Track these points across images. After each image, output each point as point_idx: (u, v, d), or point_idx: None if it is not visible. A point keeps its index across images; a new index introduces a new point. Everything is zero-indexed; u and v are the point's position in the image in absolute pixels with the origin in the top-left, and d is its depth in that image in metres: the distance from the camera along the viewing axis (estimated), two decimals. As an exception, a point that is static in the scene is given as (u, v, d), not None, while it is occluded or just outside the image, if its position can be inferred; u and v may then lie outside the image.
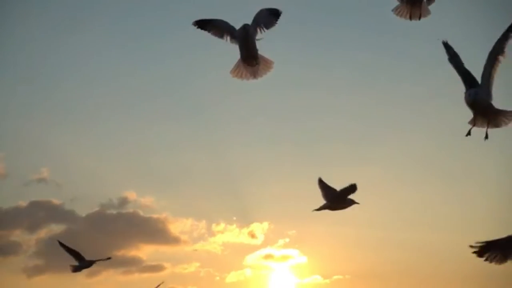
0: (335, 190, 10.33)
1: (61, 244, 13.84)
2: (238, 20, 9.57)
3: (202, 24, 9.52)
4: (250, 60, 9.55)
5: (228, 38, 9.49)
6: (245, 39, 9.31)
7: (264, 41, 9.51)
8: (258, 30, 9.42)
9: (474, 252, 7.40)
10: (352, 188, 10.07)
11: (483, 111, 8.23)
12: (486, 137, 8.38)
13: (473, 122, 8.37)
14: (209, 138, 23.95)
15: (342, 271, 22.23)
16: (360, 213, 23.17)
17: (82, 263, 13.66)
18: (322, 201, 10.50)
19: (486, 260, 7.41)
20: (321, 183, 10.53)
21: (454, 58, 8.51)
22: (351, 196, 10.29)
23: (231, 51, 9.62)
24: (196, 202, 23.65)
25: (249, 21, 9.41)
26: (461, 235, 22.42)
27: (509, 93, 9.58)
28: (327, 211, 10.46)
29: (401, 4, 9.44)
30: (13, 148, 23.29)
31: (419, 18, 9.48)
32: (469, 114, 8.35)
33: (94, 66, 24.89)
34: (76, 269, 13.72)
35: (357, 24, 24.09)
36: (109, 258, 14.10)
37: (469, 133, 8.43)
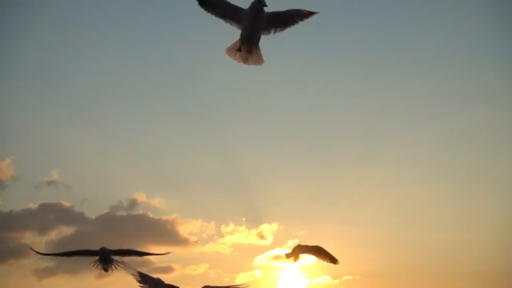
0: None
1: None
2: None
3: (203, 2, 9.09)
4: (249, 44, 9.15)
5: (231, 20, 9.07)
6: (256, 14, 8.83)
7: (274, 43, 9.28)
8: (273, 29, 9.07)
9: None
10: None
11: None
12: None
13: None
14: (218, 139, 24.07)
15: (352, 271, 22.22)
16: (369, 213, 23.31)
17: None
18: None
19: None
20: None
21: None
22: None
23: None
24: (205, 203, 23.74)
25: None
26: (469, 234, 22.47)
27: None
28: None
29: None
30: (23, 151, 23.54)
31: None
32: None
33: (103, 67, 25.12)
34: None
35: (367, 25, 24.16)
36: None
37: None
